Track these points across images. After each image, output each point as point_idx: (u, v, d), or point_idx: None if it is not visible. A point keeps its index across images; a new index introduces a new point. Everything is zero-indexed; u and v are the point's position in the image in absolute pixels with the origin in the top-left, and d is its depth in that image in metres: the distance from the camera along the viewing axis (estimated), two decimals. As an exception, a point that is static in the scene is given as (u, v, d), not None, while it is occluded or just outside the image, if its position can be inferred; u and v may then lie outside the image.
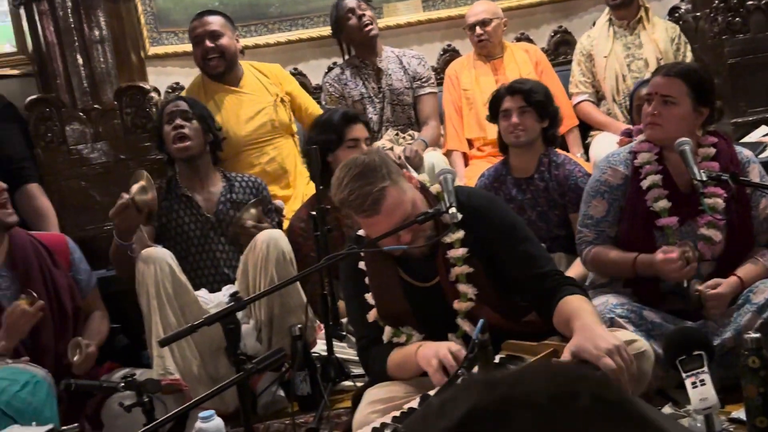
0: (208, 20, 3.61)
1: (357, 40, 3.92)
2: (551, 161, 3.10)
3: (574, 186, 3.04)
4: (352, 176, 2.08)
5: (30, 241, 2.84)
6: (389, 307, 2.23)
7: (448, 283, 2.20)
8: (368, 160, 2.11)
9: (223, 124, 3.44)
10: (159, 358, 2.76)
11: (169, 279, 2.80)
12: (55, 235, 2.99)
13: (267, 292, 2.41)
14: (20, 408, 1.93)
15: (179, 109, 3.11)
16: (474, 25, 3.94)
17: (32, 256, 2.80)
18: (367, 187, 2.06)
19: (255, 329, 2.97)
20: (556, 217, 3.08)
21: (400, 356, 2.19)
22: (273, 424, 2.77)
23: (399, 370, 2.19)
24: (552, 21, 4.45)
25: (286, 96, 3.79)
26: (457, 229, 2.18)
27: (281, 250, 2.91)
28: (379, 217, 2.08)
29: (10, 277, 2.78)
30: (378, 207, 2.06)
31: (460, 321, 2.19)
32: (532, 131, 3.07)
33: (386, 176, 2.08)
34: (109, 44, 3.43)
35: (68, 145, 3.40)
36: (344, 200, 2.09)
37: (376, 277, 2.25)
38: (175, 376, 2.73)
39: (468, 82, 3.97)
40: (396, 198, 2.08)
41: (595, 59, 3.97)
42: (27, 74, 3.78)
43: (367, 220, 2.10)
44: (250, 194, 3.22)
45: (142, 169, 3.01)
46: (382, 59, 3.94)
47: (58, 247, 2.91)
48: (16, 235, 2.83)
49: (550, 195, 3.08)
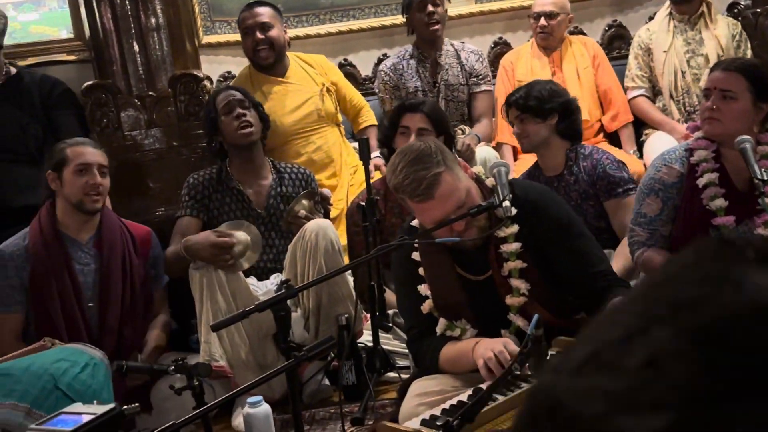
0: (259, 11, 3.65)
1: (420, 34, 3.90)
2: (578, 154, 3.08)
3: (603, 173, 3.01)
4: (408, 161, 2.07)
5: (119, 226, 2.98)
6: (446, 300, 2.23)
7: (501, 277, 2.18)
8: (424, 146, 2.11)
9: (270, 114, 3.47)
10: (206, 344, 2.80)
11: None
12: (142, 227, 3.09)
13: (318, 280, 2.42)
14: (80, 390, 1.98)
15: (237, 99, 3.15)
16: (539, 15, 3.88)
17: (118, 240, 2.93)
18: (421, 171, 2.05)
19: (302, 318, 2.99)
20: (591, 208, 3.04)
21: (454, 351, 2.18)
22: (318, 412, 2.79)
23: (452, 364, 2.18)
24: (607, 15, 4.38)
25: (331, 86, 3.81)
26: (512, 224, 2.16)
27: (330, 239, 2.92)
28: (432, 202, 2.07)
29: (92, 255, 2.90)
30: (432, 192, 2.06)
31: (513, 316, 2.17)
32: (535, 135, 3.06)
33: (441, 162, 2.08)
34: (164, 32, 3.47)
35: (123, 131, 3.46)
36: (399, 185, 2.09)
37: (433, 268, 2.24)
38: (220, 363, 2.76)
39: (523, 73, 3.92)
40: (450, 184, 2.07)
41: (653, 53, 3.88)
42: (84, 60, 3.85)
43: (420, 205, 2.10)
44: (299, 186, 3.24)
45: (250, 225, 3.04)
46: (441, 53, 3.90)
47: (143, 239, 3.03)
48: (109, 217, 2.96)
49: (580, 187, 3.05)
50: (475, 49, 4.00)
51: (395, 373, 2.87)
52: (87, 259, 2.90)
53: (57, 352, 2.14)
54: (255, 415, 2.27)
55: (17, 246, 2.86)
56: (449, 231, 2.10)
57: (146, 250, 3.02)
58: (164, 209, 3.48)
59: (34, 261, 2.82)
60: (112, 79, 3.48)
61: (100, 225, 2.93)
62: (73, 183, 2.85)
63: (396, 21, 4.29)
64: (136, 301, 2.94)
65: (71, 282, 2.82)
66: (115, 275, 2.88)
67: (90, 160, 2.87)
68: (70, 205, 2.88)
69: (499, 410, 1.75)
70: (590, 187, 3.04)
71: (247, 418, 2.28)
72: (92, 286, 2.87)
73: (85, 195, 2.84)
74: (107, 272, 2.88)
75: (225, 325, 1.99)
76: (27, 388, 2.01)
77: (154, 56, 3.47)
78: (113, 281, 2.88)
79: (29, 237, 2.87)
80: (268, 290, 2.96)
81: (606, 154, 3.11)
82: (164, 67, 3.49)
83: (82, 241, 2.91)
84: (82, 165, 2.85)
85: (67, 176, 2.86)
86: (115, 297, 2.87)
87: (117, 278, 2.88)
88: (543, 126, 3.05)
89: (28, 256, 2.83)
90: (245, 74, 3.76)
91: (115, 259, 2.90)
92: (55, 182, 2.89)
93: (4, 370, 2.04)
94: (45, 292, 2.80)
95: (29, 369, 2.04)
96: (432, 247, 2.20)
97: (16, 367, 2.05)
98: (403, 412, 2.10)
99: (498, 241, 2.18)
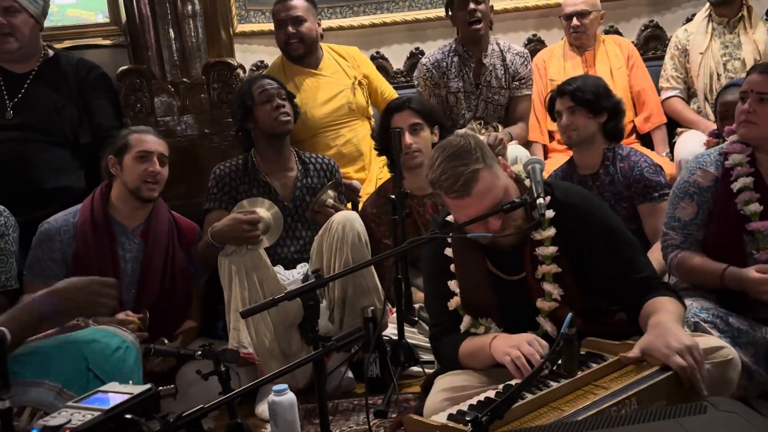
0: (293, 4, 3.66)
1: (462, 32, 3.83)
2: (616, 155, 3.05)
3: (639, 176, 2.99)
4: (446, 156, 2.06)
5: (169, 218, 3.02)
6: (474, 297, 2.22)
7: (534, 279, 2.16)
8: (463, 142, 2.09)
9: (301, 105, 3.49)
10: (234, 331, 2.81)
11: (250, 252, 2.85)
12: (191, 223, 3.13)
13: (347, 271, 2.42)
14: (111, 372, 1.99)
15: (275, 88, 3.16)
16: (571, 16, 3.85)
17: (165, 232, 2.97)
18: (460, 167, 2.04)
19: (327, 309, 3.00)
20: (624, 210, 3.01)
21: (472, 346, 2.18)
22: (342, 402, 2.80)
23: (470, 359, 2.18)
24: (643, 15, 4.34)
25: (363, 79, 3.81)
26: (549, 226, 2.14)
27: (356, 231, 2.93)
28: (469, 199, 2.06)
29: (138, 244, 2.93)
30: (469, 189, 2.04)
31: (542, 320, 2.16)
32: (584, 129, 3.02)
33: (480, 159, 2.06)
34: (200, 19, 3.48)
35: (156, 116, 3.48)
36: (436, 180, 2.07)
37: (464, 265, 2.23)
38: (249, 350, 2.78)
39: (556, 73, 3.90)
40: (488, 182, 2.06)
41: (690, 55, 3.84)
42: (119, 45, 3.87)
43: (456, 201, 2.08)
44: (324, 177, 3.24)
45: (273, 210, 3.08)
46: (487, 54, 3.82)
47: (189, 234, 3.07)
48: (161, 208, 3.00)
49: (615, 188, 3.02)
50: (521, 50, 3.91)
51: (419, 368, 2.87)
52: (131, 246, 2.93)
53: (90, 333, 2.15)
54: (280, 403, 2.28)
55: (66, 222, 2.90)
56: (484, 228, 2.09)
57: (191, 245, 3.05)
58: (193, 196, 3.50)
59: (80, 240, 2.86)
60: (146, 65, 3.50)
61: (151, 215, 2.97)
62: (132, 169, 2.89)
63: (429, 15, 4.28)
64: (175, 293, 2.96)
65: (113, 266, 2.85)
66: (156, 266, 2.91)
67: (151, 149, 2.92)
68: (126, 191, 2.92)
69: (528, 408, 1.74)
70: (625, 189, 3.02)
71: (272, 405, 2.29)
72: (131, 273, 2.90)
73: (143, 182, 2.88)
74: (149, 262, 2.91)
75: (254, 312, 2.00)
76: (59, 368, 2.03)
77: (189, 43, 3.48)
78: (153, 271, 2.91)
79: (79, 215, 2.91)
80: (294, 279, 2.97)
81: (644, 157, 3.09)
82: (198, 54, 3.50)
83: (129, 228, 2.94)
84: (143, 152, 2.90)
85: (128, 162, 2.90)
86: (153, 287, 2.90)
87: (158, 269, 2.91)
88: (593, 122, 3.03)
89: (75, 233, 2.87)
90: (278, 64, 3.77)
91: (158, 251, 2.93)
92: (115, 167, 2.93)
93: (37, 349, 2.06)
94: (86, 271, 2.79)
95: (62, 349, 2.06)
96: (465, 244, 2.19)
97: (49, 346, 2.07)
98: (428, 407, 2.10)
99: (535, 243, 2.16)
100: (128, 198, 2.93)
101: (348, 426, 2.62)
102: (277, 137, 3.17)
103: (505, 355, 2.00)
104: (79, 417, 1.30)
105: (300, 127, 3.49)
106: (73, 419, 1.30)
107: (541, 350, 1.97)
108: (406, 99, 3.21)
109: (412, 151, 3.09)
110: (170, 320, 2.95)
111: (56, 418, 1.30)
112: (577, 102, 3.01)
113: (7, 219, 2.77)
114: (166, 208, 3.05)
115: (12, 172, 3.22)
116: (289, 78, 3.67)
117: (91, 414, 1.29)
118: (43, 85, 3.36)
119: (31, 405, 1.97)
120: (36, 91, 3.35)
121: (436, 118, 3.18)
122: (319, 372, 1.97)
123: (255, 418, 2.75)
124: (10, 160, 3.23)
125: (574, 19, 3.84)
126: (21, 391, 1.88)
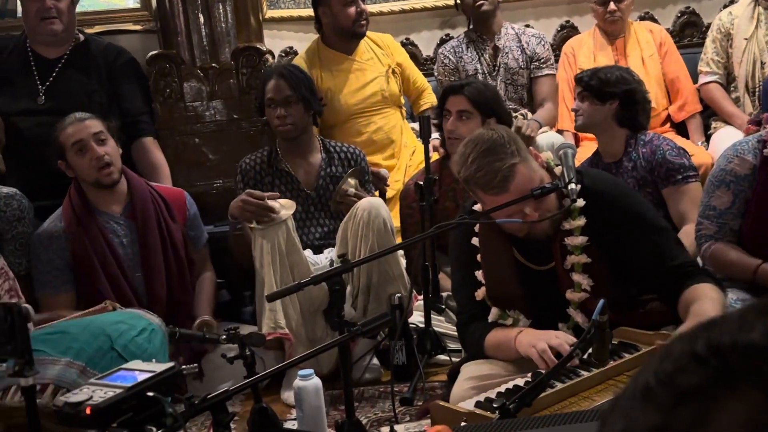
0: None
1: (471, 15, 3.86)
2: (638, 141, 3.01)
3: (662, 159, 2.93)
4: (480, 152, 2.00)
5: (150, 192, 2.94)
6: (500, 289, 2.17)
7: (563, 270, 2.11)
8: (496, 135, 2.03)
9: (334, 90, 3.45)
10: (270, 311, 2.79)
11: (284, 235, 2.84)
12: (174, 189, 3.08)
13: (373, 256, 2.40)
14: (136, 353, 2.00)
15: (282, 97, 3.05)
16: (606, 1, 3.78)
17: (151, 208, 2.89)
18: (496, 163, 1.98)
19: (351, 296, 2.98)
20: (648, 196, 2.94)
21: (498, 338, 2.14)
22: (367, 389, 2.78)
23: (496, 351, 2.14)
24: (679, 1, 4.24)
25: (396, 67, 3.78)
26: (579, 216, 2.09)
27: (382, 218, 2.90)
28: (506, 195, 2.00)
29: (128, 226, 2.89)
30: (507, 185, 1.99)
31: (572, 311, 2.11)
32: (589, 116, 3.02)
33: (515, 153, 2.00)
34: (230, 4, 3.47)
35: (185, 101, 3.48)
36: (470, 177, 2.01)
37: (490, 255, 2.19)
38: (285, 330, 2.77)
39: (585, 61, 3.83)
40: (526, 176, 2.01)
41: (733, 39, 3.73)
42: (149, 30, 3.88)
43: (493, 198, 2.03)
44: (348, 166, 3.21)
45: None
46: (500, 36, 3.87)
47: (177, 202, 3.00)
48: (137, 185, 2.92)
49: (638, 174, 2.97)
50: (537, 32, 3.94)
51: (446, 356, 2.84)
52: (123, 230, 2.89)
53: (116, 315, 2.16)
54: (306, 388, 2.26)
55: (55, 227, 2.85)
56: (520, 217, 2.04)
57: (182, 212, 3.00)
58: (222, 181, 3.50)
59: (72, 240, 2.82)
60: (176, 50, 3.50)
61: (130, 195, 2.91)
62: (79, 165, 2.81)
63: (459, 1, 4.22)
64: (181, 265, 2.93)
65: (112, 255, 2.82)
66: (153, 243, 2.87)
67: (81, 136, 2.80)
68: (89, 185, 2.86)
69: (558, 397, 1.70)
70: (648, 174, 2.96)
71: (297, 390, 2.28)
72: (133, 257, 2.88)
73: (98, 171, 2.80)
74: (145, 241, 2.87)
75: (281, 295, 1.99)
76: (83, 347, 2.04)
77: (218, 28, 3.48)
78: (153, 249, 2.87)
79: (63, 217, 2.86)
80: (323, 265, 2.95)
81: (666, 140, 3.03)
82: (228, 39, 3.50)
83: (115, 214, 2.90)
84: (76, 143, 2.80)
85: (72, 160, 2.83)
86: (158, 264, 2.86)
87: (156, 246, 2.87)
88: (600, 109, 2.99)
89: (66, 236, 2.82)
90: (313, 48, 3.74)
91: (151, 228, 2.87)
92: (68, 170, 2.87)
93: (63, 328, 2.07)
94: (89, 268, 2.80)
95: (87, 328, 2.07)
96: (493, 234, 2.14)
97: (75, 325, 2.08)
98: (454, 394, 2.08)
99: (564, 233, 2.12)
100: (96, 190, 2.86)
101: (374, 413, 2.61)
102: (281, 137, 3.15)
103: (530, 347, 1.96)
104: (100, 394, 1.29)
105: (332, 112, 3.47)
106: (95, 396, 1.29)
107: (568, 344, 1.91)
108: (465, 83, 3.12)
109: (452, 138, 3.05)
110: (183, 291, 2.92)
111: (78, 395, 1.29)
112: (584, 87, 3.02)
113: (20, 202, 2.79)
114: (143, 182, 2.97)
115: (41, 156, 3.24)
116: (324, 63, 3.66)
117: (113, 391, 1.29)
118: (74, 70, 3.37)
119: (54, 382, 1.98)
120: (67, 76, 3.36)
121: (491, 109, 3.05)
122: (345, 357, 1.95)
123: (280, 404, 2.75)
124: (40, 145, 3.25)
125: (611, 4, 3.76)
126: (44, 369, 1.89)
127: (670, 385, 0.48)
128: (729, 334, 0.48)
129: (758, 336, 0.47)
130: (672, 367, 0.49)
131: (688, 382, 0.47)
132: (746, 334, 0.47)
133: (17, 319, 1.44)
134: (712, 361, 0.47)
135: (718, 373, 0.47)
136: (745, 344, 0.47)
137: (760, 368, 0.46)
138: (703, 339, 0.48)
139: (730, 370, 0.46)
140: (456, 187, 3.13)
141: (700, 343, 0.48)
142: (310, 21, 4.10)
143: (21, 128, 3.31)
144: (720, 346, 0.47)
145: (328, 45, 3.69)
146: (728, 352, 0.47)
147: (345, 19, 3.62)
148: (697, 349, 0.48)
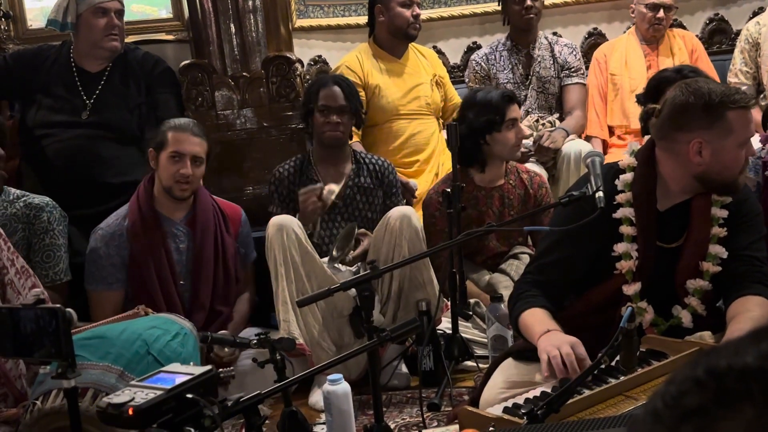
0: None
1: (515, 24, 3.92)
2: None
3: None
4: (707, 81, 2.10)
5: (212, 204, 3.04)
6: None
7: (694, 245, 2.13)
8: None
9: (382, 87, 3.57)
10: (285, 322, 2.84)
11: (296, 246, 2.87)
12: (233, 205, 3.16)
13: (403, 263, 2.43)
14: (171, 357, 2.04)
15: (337, 105, 3.12)
16: (658, 6, 3.77)
17: (211, 219, 2.99)
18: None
19: (379, 302, 3.00)
20: None
21: (530, 323, 2.10)
22: (395, 395, 2.81)
23: (524, 331, 2.13)
24: (708, 8, 4.23)
25: (439, 79, 3.85)
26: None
27: (415, 227, 2.93)
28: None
29: (186, 233, 2.97)
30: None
31: (690, 299, 2.13)
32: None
33: None
34: (260, 14, 3.53)
35: (216, 110, 3.54)
36: (725, 92, 2.00)
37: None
38: (299, 341, 2.81)
39: (617, 67, 3.83)
40: None
41: (761, 48, 3.71)
42: (181, 40, 3.95)
43: (747, 114, 2.02)
44: (375, 179, 3.25)
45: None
46: (535, 46, 3.92)
47: (234, 217, 3.10)
48: (202, 196, 3.02)
49: None
50: (569, 42, 3.99)
51: (473, 362, 2.86)
52: (181, 237, 2.97)
53: (150, 320, 2.21)
54: (335, 392, 2.29)
55: (118, 225, 2.94)
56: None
57: (236, 228, 3.09)
58: (252, 188, 3.55)
59: (133, 241, 2.90)
60: (208, 59, 3.56)
61: (194, 204, 2.99)
62: (166, 168, 2.90)
63: (487, 9, 4.25)
64: (229, 278, 3.00)
65: (167, 260, 2.90)
66: (207, 254, 2.95)
67: (185, 150, 2.88)
68: (161, 186, 2.95)
69: (586, 403, 1.72)
70: None
71: (326, 395, 2.31)
72: (185, 264, 2.95)
73: (175, 182, 2.89)
74: (200, 251, 2.94)
75: (311, 301, 2.02)
76: (121, 352, 2.09)
77: (249, 38, 3.54)
78: (206, 259, 2.95)
79: (128, 217, 2.94)
80: (344, 271, 2.98)
81: None
82: (258, 48, 3.55)
83: (176, 220, 2.97)
84: (176, 153, 2.88)
85: (163, 159, 2.92)
86: (207, 275, 2.94)
87: (209, 257, 2.95)
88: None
89: (128, 236, 2.90)
90: (365, 49, 3.81)
91: (208, 238, 2.96)
92: (153, 161, 2.96)
93: (100, 334, 2.12)
94: (143, 270, 2.88)
95: (124, 334, 2.12)
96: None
97: (112, 330, 2.13)
98: (484, 399, 2.09)
99: (702, 205, 2.12)
100: (165, 194, 2.94)
101: (402, 418, 2.63)
102: (322, 146, 3.20)
103: (543, 353, 1.96)
104: (142, 395, 1.34)
105: (377, 110, 3.59)
106: (137, 397, 1.34)
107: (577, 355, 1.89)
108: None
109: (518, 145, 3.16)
110: (226, 304, 2.99)
111: (120, 396, 1.34)
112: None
113: (50, 214, 2.85)
114: (208, 195, 3.06)
115: (81, 167, 3.32)
116: (376, 62, 3.75)
117: (154, 393, 1.33)
118: (116, 83, 3.45)
119: (93, 386, 2.03)
120: (111, 90, 3.43)
121: None
122: (374, 362, 1.98)
123: (308, 408, 2.78)
124: (80, 156, 3.33)
125: (661, 11, 3.75)
126: (84, 373, 1.93)
127: (675, 407, 0.55)
128: (725, 358, 0.55)
129: (751, 359, 0.53)
130: (676, 390, 0.56)
131: (690, 404, 0.54)
132: (741, 358, 0.54)
133: (62, 323, 1.49)
134: (710, 384, 0.54)
135: (717, 394, 0.53)
136: (740, 367, 0.53)
137: (752, 388, 0.52)
138: (703, 365, 0.55)
139: (727, 390, 0.53)
140: (478, 195, 3.16)
141: (700, 368, 0.55)
142: (338, 30, 4.16)
143: (62, 139, 3.37)
144: (717, 369, 0.54)
145: (380, 46, 3.79)
146: (724, 375, 0.54)
147: (401, 20, 3.71)
148: (697, 374, 0.55)
